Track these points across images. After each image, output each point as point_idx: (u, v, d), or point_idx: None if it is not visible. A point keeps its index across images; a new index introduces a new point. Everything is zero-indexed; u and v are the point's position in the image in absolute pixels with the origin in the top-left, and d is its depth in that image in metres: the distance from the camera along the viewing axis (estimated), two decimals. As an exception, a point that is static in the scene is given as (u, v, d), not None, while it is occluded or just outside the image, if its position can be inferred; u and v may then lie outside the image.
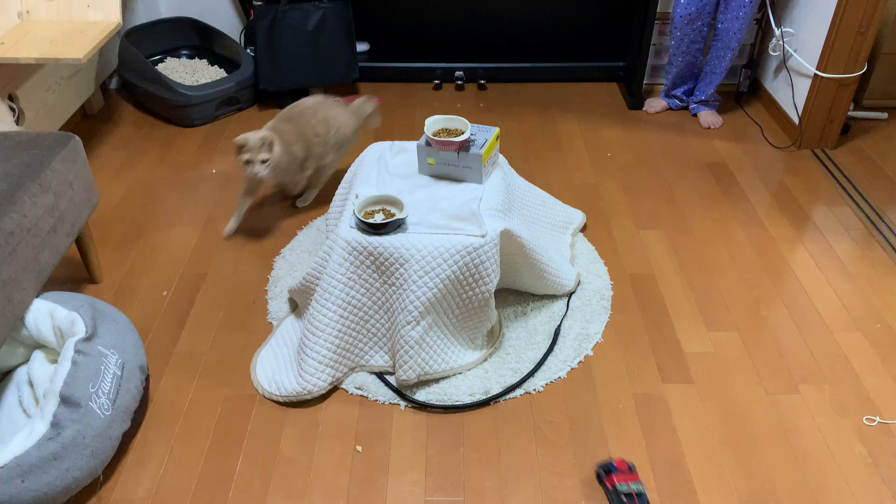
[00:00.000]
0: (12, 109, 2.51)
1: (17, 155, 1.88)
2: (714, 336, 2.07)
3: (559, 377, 1.94)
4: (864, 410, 1.85)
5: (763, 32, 3.27)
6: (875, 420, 1.83)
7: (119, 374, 1.68)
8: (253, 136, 2.24)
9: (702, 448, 1.76)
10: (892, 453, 1.74)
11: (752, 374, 1.95)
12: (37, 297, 1.79)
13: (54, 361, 1.83)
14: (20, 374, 1.84)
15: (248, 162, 2.24)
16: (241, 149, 2.24)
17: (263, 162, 2.25)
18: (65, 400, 1.55)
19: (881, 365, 1.98)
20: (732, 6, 2.88)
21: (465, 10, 3.46)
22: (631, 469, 1.63)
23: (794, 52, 3.00)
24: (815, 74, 2.83)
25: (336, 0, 3.17)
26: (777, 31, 3.06)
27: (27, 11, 2.60)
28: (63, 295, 1.81)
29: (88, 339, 1.67)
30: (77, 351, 1.63)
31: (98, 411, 1.60)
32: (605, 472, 1.64)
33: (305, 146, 2.41)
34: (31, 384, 1.79)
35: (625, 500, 1.58)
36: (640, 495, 1.58)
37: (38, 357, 1.82)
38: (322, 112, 2.48)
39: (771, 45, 3.11)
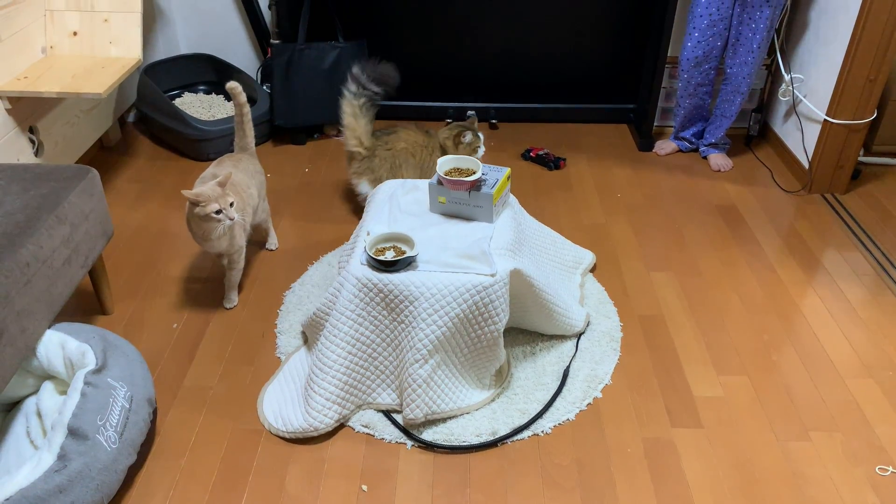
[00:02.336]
0: (32, 141, 2.56)
1: (35, 187, 1.91)
2: (724, 380, 2.06)
3: (567, 419, 1.92)
4: (877, 460, 1.82)
5: (773, 77, 3.30)
6: (888, 470, 1.80)
7: (127, 406, 1.68)
8: (204, 188, 2.01)
9: (711, 495, 1.73)
10: (905, 504, 1.71)
11: (763, 419, 1.93)
12: (49, 328, 1.81)
13: (63, 392, 1.83)
14: (29, 405, 1.84)
15: (219, 212, 2.01)
16: (198, 206, 1.99)
17: (231, 205, 2.04)
18: (72, 432, 1.55)
19: (893, 412, 1.95)
20: (741, 51, 2.92)
21: (478, 50, 3.52)
22: None
23: (804, 97, 3.03)
24: (825, 120, 2.86)
25: (352, 41, 3.24)
26: (787, 77, 3.10)
27: (51, 46, 2.67)
28: (74, 326, 1.82)
29: (98, 370, 1.67)
30: (86, 383, 1.63)
31: (105, 444, 1.59)
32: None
33: (257, 186, 2.35)
34: (39, 415, 1.80)
35: None
36: None
37: (48, 388, 1.83)
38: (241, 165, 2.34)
39: (780, 91, 3.14)
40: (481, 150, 2.68)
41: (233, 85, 2.29)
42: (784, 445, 1.86)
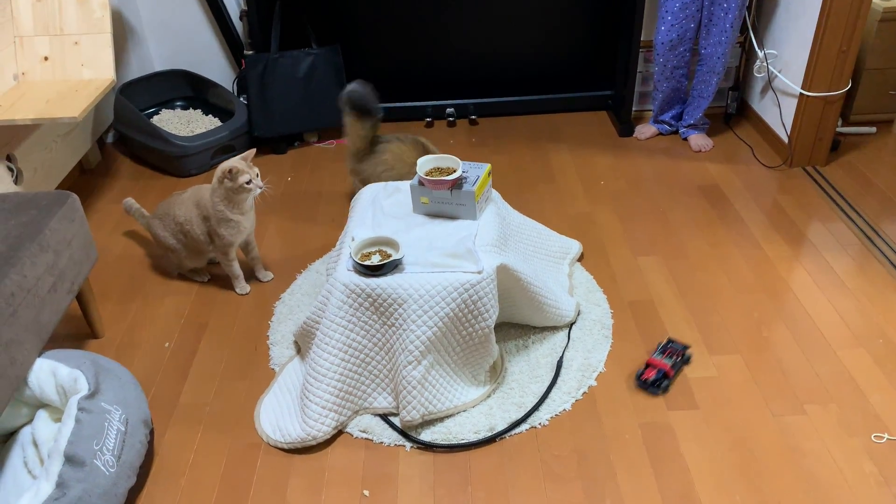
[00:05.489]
0: (10, 170, 2.54)
1: (15, 216, 1.91)
2: (717, 360, 2.07)
3: (564, 410, 1.93)
4: (871, 428, 1.84)
5: (747, 55, 3.32)
6: (884, 437, 1.81)
7: (123, 429, 1.68)
8: (235, 160, 2.17)
9: (711, 476, 1.74)
10: (902, 470, 1.73)
11: (758, 396, 1.95)
12: (39, 356, 1.80)
13: (58, 420, 1.82)
14: (24, 435, 1.83)
15: (249, 182, 2.17)
16: (232, 174, 2.15)
17: (258, 175, 2.20)
18: (69, 459, 1.55)
19: (886, 380, 1.97)
20: (714, 31, 2.93)
21: (453, 47, 3.52)
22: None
23: (779, 72, 3.05)
24: (801, 94, 2.87)
25: (325, 46, 3.23)
26: (760, 54, 3.11)
27: (23, 73, 2.65)
28: (65, 353, 1.81)
29: (91, 396, 1.67)
30: (80, 409, 1.63)
31: (103, 469, 1.59)
32: (640, 376, 1.96)
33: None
34: (35, 444, 1.79)
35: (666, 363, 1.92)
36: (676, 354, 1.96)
37: (42, 416, 1.82)
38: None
39: (755, 67, 3.15)
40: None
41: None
42: (780, 420, 1.87)
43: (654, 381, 1.93)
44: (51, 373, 1.76)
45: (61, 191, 2.04)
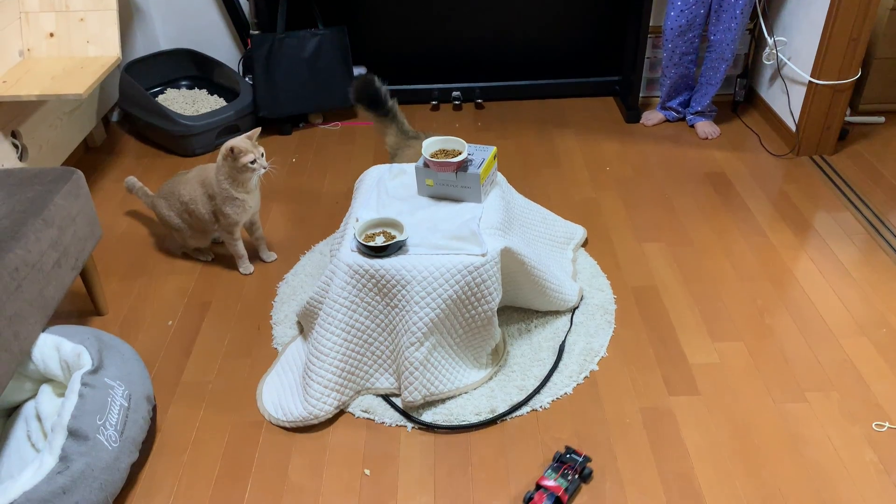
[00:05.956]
0: (15, 146, 2.54)
1: (20, 191, 1.91)
2: (719, 347, 2.07)
3: (565, 393, 1.94)
4: (873, 416, 1.84)
5: (756, 42, 3.29)
6: (885, 426, 1.82)
7: (126, 405, 1.69)
8: (239, 139, 2.17)
9: (711, 460, 1.75)
10: (903, 459, 1.73)
11: (759, 383, 1.95)
12: (43, 331, 1.81)
13: (61, 395, 1.83)
14: (28, 409, 1.85)
15: (253, 161, 2.16)
16: (234, 154, 2.14)
17: (262, 155, 2.19)
18: (72, 433, 1.56)
19: (888, 369, 1.97)
20: (724, 18, 2.90)
21: (461, 31, 3.49)
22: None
23: (788, 60, 3.02)
24: (810, 82, 2.85)
25: (332, 26, 3.21)
26: (770, 41, 3.08)
27: (28, 49, 2.64)
28: (69, 328, 1.82)
29: (95, 371, 1.68)
30: (84, 384, 1.64)
31: (106, 443, 1.60)
32: (527, 500, 1.63)
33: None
34: (38, 418, 1.80)
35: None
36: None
37: (46, 391, 1.83)
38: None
39: (765, 55, 3.13)
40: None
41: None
42: (781, 408, 1.87)
43: None
44: (55, 348, 1.77)
45: (66, 167, 2.04)
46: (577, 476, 1.66)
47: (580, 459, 1.69)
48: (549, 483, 1.63)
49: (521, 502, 1.66)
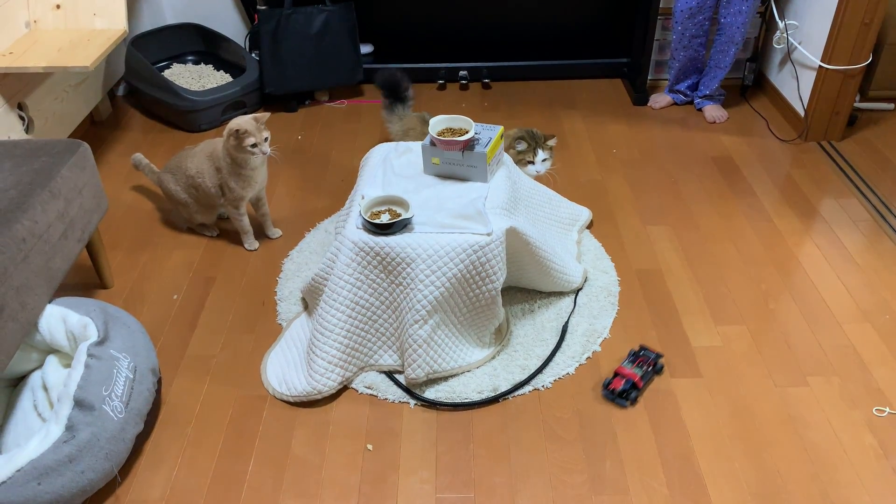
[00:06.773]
0: (22, 118, 2.54)
1: (27, 163, 1.91)
2: (722, 330, 2.07)
3: (567, 373, 1.95)
4: (873, 401, 1.85)
5: (767, 25, 3.26)
6: (885, 411, 1.82)
7: (131, 377, 1.70)
8: (244, 120, 2.15)
9: (711, 442, 1.76)
10: (902, 444, 1.74)
11: (761, 367, 1.95)
12: (49, 302, 1.82)
13: (68, 366, 1.85)
14: (34, 379, 1.86)
15: (255, 145, 2.15)
16: (238, 135, 2.14)
17: (266, 140, 2.18)
18: (79, 403, 1.57)
19: (890, 356, 1.97)
20: (735, 1, 2.87)
21: (468, 9, 3.47)
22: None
23: (799, 44, 3.00)
24: (820, 66, 2.83)
25: (339, 3, 3.19)
26: (781, 24, 3.06)
27: (34, 21, 2.63)
28: (75, 300, 1.83)
29: (100, 342, 1.69)
30: (90, 355, 1.65)
31: (111, 414, 1.62)
32: (607, 385, 1.87)
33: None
34: (45, 388, 1.82)
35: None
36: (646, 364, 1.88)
37: (52, 362, 1.84)
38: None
39: (775, 38, 3.10)
40: (533, 168, 2.37)
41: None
42: (782, 391, 1.88)
43: (622, 392, 1.83)
44: (61, 319, 1.78)
45: (72, 139, 2.04)
46: (650, 368, 1.89)
47: (653, 355, 1.92)
48: (627, 370, 1.87)
49: (601, 386, 1.87)
